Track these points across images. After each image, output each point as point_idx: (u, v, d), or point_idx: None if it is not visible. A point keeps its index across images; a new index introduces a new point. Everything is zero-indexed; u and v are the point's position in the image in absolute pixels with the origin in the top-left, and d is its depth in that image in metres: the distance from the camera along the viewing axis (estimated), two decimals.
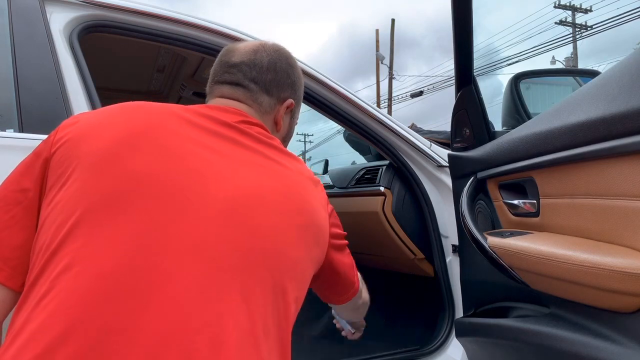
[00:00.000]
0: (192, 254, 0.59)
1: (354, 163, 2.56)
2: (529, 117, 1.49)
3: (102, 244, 0.58)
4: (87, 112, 0.74)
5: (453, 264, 1.54)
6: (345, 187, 2.00)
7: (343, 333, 1.25)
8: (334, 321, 1.27)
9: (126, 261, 0.57)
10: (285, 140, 0.95)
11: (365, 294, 1.08)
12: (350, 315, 1.14)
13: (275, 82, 0.88)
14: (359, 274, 1.01)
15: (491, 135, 1.27)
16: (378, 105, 17.77)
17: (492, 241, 1.03)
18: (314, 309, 2.19)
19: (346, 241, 0.91)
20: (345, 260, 0.90)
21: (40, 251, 0.60)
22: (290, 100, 0.91)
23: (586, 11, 19.79)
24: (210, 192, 0.64)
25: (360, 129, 1.55)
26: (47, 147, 0.68)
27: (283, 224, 0.68)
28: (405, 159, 1.60)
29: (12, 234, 0.65)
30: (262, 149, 0.75)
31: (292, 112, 0.94)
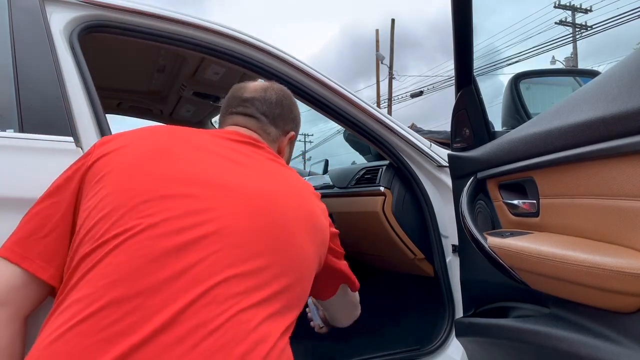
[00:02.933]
0: (221, 240, 0.69)
1: (354, 163, 2.56)
2: (529, 117, 1.49)
3: (142, 229, 0.67)
4: (119, 132, 0.85)
5: (453, 264, 1.53)
6: (345, 187, 2.00)
7: (311, 324, 1.31)
8: (307, 309, 1.31)
9: (163, 243, 0.66)
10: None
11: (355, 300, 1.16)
12: (336, 312, 1.17)
13: (281, 116, 1.02)
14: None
15: (491, 135, 1.27)
16: (378, 105, 17.77)
17: (492, 241, 1.03)
18: None
19: (343, 252, 1.02)
20: (342, 265, 1.01)
21: (84, 242, 0.69)
22: (292, 133, 1.06)
23: (586, 11, 19.79)
24: (235, 188, 0.75)
25: (360, 129, 1.55)
26: (85, 163, 0.79)
27: (297, 221, 0.78)
28: (405, 159, 1.60)
29: (54, 240, 0.75)
30: (272, 163, 0.88)
31: (292, 143, 1.09)
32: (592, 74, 1.75)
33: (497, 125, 1.41)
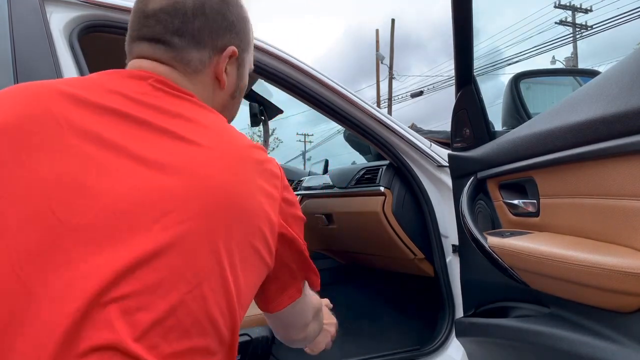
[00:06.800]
0: (57, 299, 0.46)
1: (354, 163, 2.56)
2: (529, 117, 1.49)
3: None
4: None
5: (453, 264, 1.53)
6: (345, 187, 2.00)
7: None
8: None
9: None
10: (236, 98, 0.77)
11: (313, 326, 0.85)
12: (285, 333, 0.83)
13: (206, 28, 0.68)
14: (313, 294, 0.82)
15: (491, 135, 1.27)
16: (378, 105, 17.78)
17: (492, 241, 1.03)
18: None
19: (300, 234, 0.68)
20: (294, 257, 0.69)
21: None
22: (231, 48, 0.71)
23: (586, 11, 19.79)
24: (87, 207, 0.50)
25: (360, 129, 1.55)
26: None
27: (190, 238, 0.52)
28: (405, 159, 1.60)
29: None
30: (176, 127, 0.58)
31: (240, 61, 0.74)
32: (592, 73, 1.75)
33: (497, 125, 1.41)
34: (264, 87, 2.10)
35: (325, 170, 2.98)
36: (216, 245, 0.53)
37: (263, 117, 2.15)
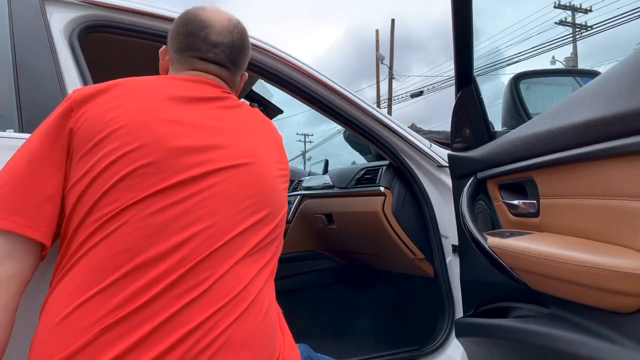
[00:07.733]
0: (217, 202, 0.77)
1: (354, 163, 2.56)
2: (529, 117, 1.49)
3: (152, 202, 0.73)
4: (98, 86, 0.83)
5: (453, 264, 1.54)
6: (345, 187, 2.00)
7: None
8: None
9: (165, 213, 0.73)
10: None
11: None
12: None
13: (243, 61, 1.01)
14: None
15: (491, 135, 1.27)
16: (378, 105, 17.78)
17: (491, 241, 1.03)
18: (315, 309, 2.19)
19: None
20: None
21: (94, 210, 0.73)
22: (246, 74, 1.06)
23: (586, 11, 19.79)
24: (225, 154, 0.81)
25: (360, 129, 1.55)
26: (68, 122, 0.79)
27: (276, 173, 0.88)
28: (405, 159, 1.60)
29: (54, 204, 0.77)
30: (249, 116, 0.93)
31: None
32: (592, 74, 1.75)
33: (497, 125, 1.41)
34: (264, 87, 2.11)
35: (325, 170, 2.98)
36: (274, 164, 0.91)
37: None
